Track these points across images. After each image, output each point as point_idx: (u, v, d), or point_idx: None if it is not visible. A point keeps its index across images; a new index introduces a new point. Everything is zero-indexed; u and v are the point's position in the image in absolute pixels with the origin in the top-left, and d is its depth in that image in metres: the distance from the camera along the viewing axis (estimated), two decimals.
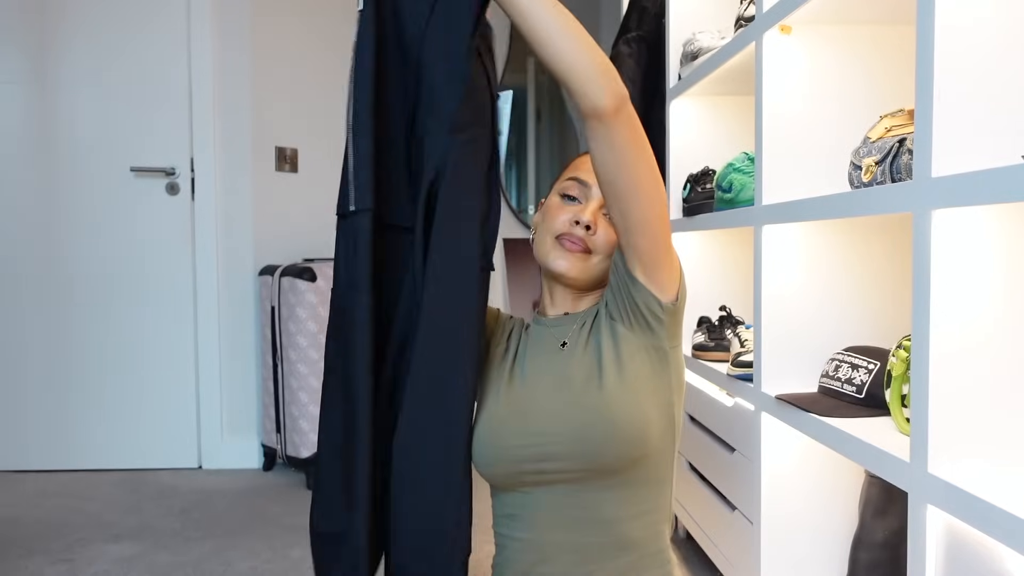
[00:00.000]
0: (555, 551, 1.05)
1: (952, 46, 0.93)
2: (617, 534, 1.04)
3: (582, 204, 1.12)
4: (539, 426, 1.04)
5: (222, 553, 2.12)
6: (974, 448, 0.95)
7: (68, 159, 2.88)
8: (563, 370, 1.07)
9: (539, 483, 1.04)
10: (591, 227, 1.10)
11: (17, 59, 2.85)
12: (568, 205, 1.12)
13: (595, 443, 1.01)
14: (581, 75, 0.93)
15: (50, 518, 2.41)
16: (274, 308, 2.81)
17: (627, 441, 1.01)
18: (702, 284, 2.14)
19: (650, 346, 1.06)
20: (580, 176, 1.13)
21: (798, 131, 1.46)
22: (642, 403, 1.03)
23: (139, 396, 2.95)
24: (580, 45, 0.93)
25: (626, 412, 1.02)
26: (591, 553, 1.04)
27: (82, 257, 2.90)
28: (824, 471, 1.45)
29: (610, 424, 1.01)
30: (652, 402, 1.04)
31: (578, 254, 1.10)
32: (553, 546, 1.05)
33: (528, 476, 1.04)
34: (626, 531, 1.05)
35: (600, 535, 1.04)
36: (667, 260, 1.04)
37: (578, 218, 1.10)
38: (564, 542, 1.05)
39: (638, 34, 2.49)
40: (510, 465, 1.05)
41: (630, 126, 0.96)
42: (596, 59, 0.93)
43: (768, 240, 1.45)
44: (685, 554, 2.03)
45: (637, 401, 1.03)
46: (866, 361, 1.29)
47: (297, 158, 3.11)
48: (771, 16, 1.44)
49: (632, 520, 1.05)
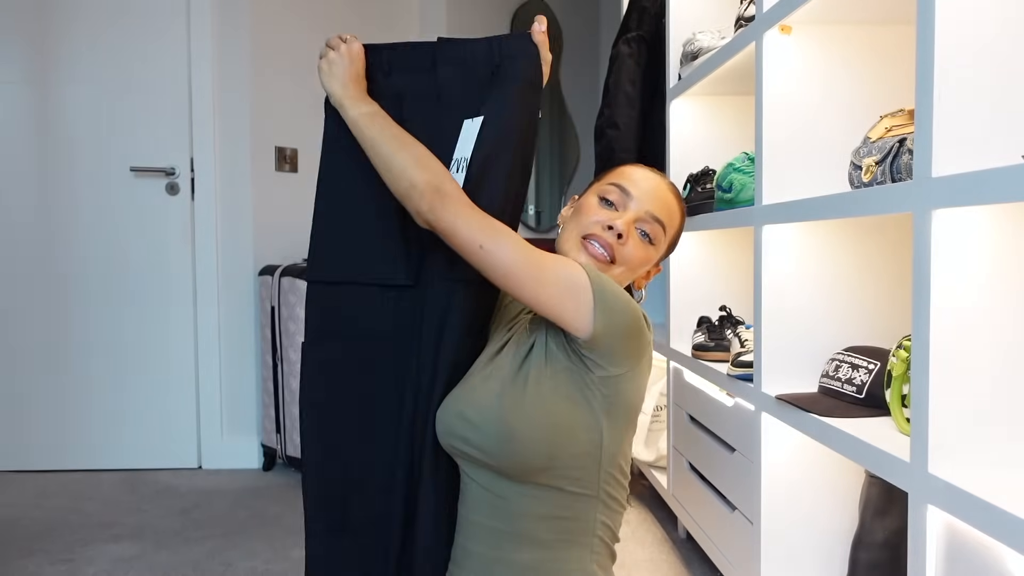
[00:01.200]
0: (476, 530, 1.08)
1: (952, 46, 0.93)
2: (523, 529, 1.05)
3: (619, 212, 1.11)
4: (468, 411, 1.06)
5: (222, 553, 2.12)
6: (974, 448, 0.95)
7: (68, 159, 2.88)
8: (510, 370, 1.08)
9: (472, 462, 1.07)
10: (623, 236, 1.09)
11: (17, 59, 2.85)
12: (604, 209, 1.11)
13: (495, 442, 1.02)
14: (398, 191, 1.07)
15: (50, 518, 2.41)
16: (274, 308, 2.81)
17: (525, 450, 1.01)
18: (702, 284, 2.14)
19: (574, 371, 1.04)
20: (623, 184, 1.12)
21: (798, 131, 1.46)
22: (551, 418, 1.02)
23: (139, 396, 2.95)
24: (394, 169, 1.07)
25: (527, 424, 1.01)
26: (501, 540, 1.06)
27: (82, 257, 2.90)
28: (824, 471, 1.45)
29: (510, 429, 1.01)
30: (567, 420, 1.03)
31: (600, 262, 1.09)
32: (475, 525, 1.08)
33: (463, 454, 1.07)
34: (532, 529, 1.05)
35: (508, 524, 1.06)
36: (558, 299, 0.99)
37: (612, 223, 1.09)
38: (482, 523, 1.07)
39: (638, 34, 2.49)
40: (447, 438, 1.08)
41: (451, 223, 1.01)
42: (404, 180, 1.05)
43: (768, 240, 1.45)
44: (685, 554, 2.03)
45: (544, 415, 1.02)
46: (866, 361, 1.29)
47: (297, 158, 3.11)
48: (771, 16, 1.44)
49: (540, 521, 1.05)
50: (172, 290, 2.94)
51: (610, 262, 1.10)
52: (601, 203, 1.12)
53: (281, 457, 2.84)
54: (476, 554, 1.08)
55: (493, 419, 1.03)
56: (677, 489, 2.10)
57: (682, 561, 1.99)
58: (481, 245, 0.99)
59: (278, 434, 2.84)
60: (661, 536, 2.17)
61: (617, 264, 1.10)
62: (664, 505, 2.36)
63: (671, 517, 2.24)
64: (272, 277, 2.82)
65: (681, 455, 2.05)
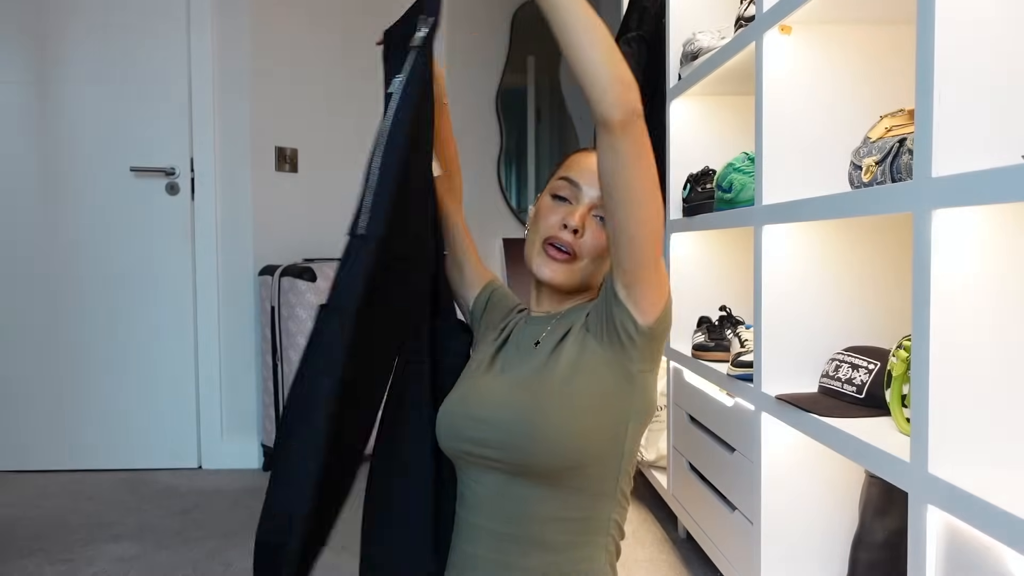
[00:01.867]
0: (481, 535, 1.06)
1: (952, 46, 0.93)
2: (533, 532, 1.04)
3: (572, 205, 1.10)
4: (482, 412, 1.05)
5: (222, 553, 2.12)
6: (974, 448, 0.95)
7: (68, 159, 2.88)
8: (523, 367, 1.08)
9: (478, 465, 1.06)
10: (579, 230, 1.08)
11: (17, 59, 2.85)
12: (558, 206, 1.11)
13: (522, 441, 1.01)
14: (598, 82, 0.91)
15: (50, 518, 2.41)
16: (274, 308, 2.81)
17: (554, 449, 1.00)
18: (702, 284, 2.14)
19: (616, 364, 1.03)
20: (571, 176, 1.11)
21: (798, 131, 1.46)
22: (583, 417, 1.02)
23: (139, 396, 2.95)
24: (603, 52, 0.91)
25: (559, 421, 1.01)
26: (509, 545, 1.05)
27: (82, 257, 2.90)
28: (824, 471, 1.45)
29: (538, 428, 1.00)
30: (599, 419, 1.03)
31: (562, 263, 1.09)
32: (480, 529, 1.07)
33: (470, 457, 1.06)
34: (545, 532, 1.04)
35: (519, 528, 1.04)
36: (652, 281, 1.01)
37: (566, 221, 1.08)
38: (489, 527, 1.06)
39: (638, 34, 2.49)
40: (455, 443, 1.07)
41: (638, 143, 0.94)
42: (616, 70, 0.91)
43: (768, 240, 1.45)
44: (685, 554, 2.03)
45: (576, 414, 1.01)
46: (866, 361, 1.29)
47: (297, 158, 3.11)
48: (771, 16, 1.44)
49: (554, 523, 1.04)
50: (172, 290, 2.94)
51: (573, 259, 1.09)
52: (555, 201, 1.11)
53: None
54: (479, 558, 1.06)
55: (516, 418, 1.01)
56: (677, 489, 2.10)
57: (682, 561, 1.99)
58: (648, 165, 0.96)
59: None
60: (661, 536, 2.17)
61: (580, 259, 1.09)
62: (664, 505, 2.36)
63: (671, 517, 2.24)
64: (272, 277, 2.82)
65: (681, 455, 2.05)
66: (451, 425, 1.08)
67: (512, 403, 1.03)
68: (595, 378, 1.03)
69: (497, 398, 1.05)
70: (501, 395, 1.05)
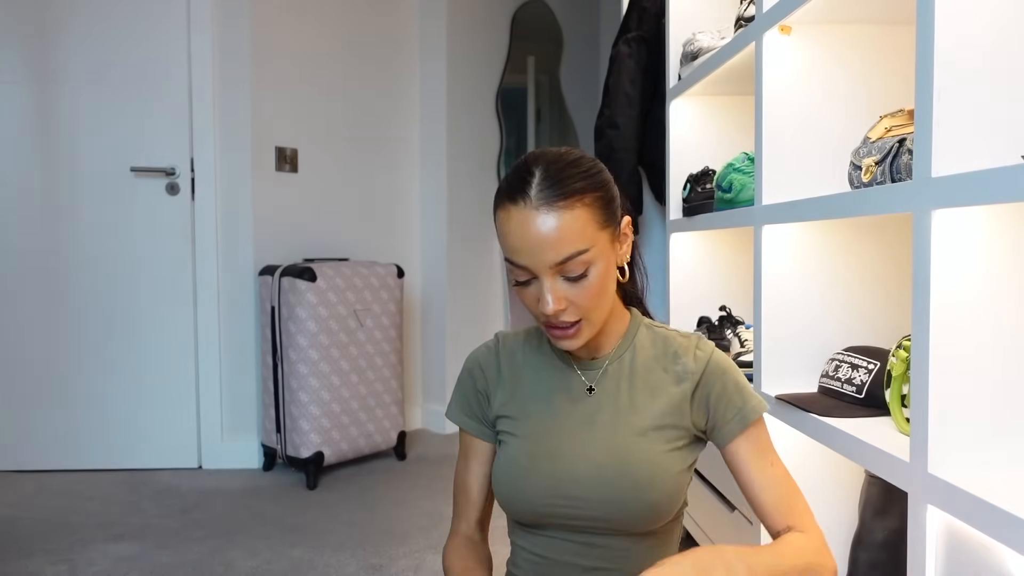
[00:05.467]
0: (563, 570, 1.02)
1: (952, 46, 0.93)
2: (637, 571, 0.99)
3: (534, 287, 0.97)
4: (569, 473, 1.00)
5: (222, 553, 2.12)
6: (974, 448, 0.95)
7: (68, 159, 2.88)
8: (593, 415, 1.02)
9: (564, 528, 1.01)
10: (558, 312, 0.96)
11: (17, 59, 2.85)
12: (525, 290, 0.99)
13: (626, 492, 0.97)
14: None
15: (50, 518, 2.41)
16: (274, 308, 2.81)
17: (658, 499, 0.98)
18: (702, 284, 2.14)
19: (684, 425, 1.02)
20: (512, 258, 0.97)
21: (798, 131, 1.46)
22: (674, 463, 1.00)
23: (139, 396, 2.95)
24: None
25: (657, 464, 0.98)
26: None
27: (82, 257, 2.90)
28: (824, 471, 1.45)
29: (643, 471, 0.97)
30: (680, 459, 1.00)
31: (573, 334, 0.99)
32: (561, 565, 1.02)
33: (555, 520, 1.01)
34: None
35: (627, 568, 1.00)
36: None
37: (543, 310, 0.96)
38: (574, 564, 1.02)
39: (638, 34, 2.49)
40: (536, 509, 1.01)
41: None
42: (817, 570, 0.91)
43: (768, 240, 1.45)
44: None
45: (668, 462, 0.99)
46: (866, 361, 1.29)
47: (297, 158, 3.11)
48: (771, 16, 1.44)
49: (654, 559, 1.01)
50: (172, 290, 2.94)
51: (577, 322, 0.99)
52: (520, 287, 1.00)
53: (281, 457, 2.84)
54: None
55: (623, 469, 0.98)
56: None
57: None
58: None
59: (278, 434, 2.84)
60: None
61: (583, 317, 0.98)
62: None
63: None
64: (272, 277, 2.82)
65: None
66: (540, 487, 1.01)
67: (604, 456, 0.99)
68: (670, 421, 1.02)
69: (577, 452, 1.01)
70: (580, 448, 1.01)
